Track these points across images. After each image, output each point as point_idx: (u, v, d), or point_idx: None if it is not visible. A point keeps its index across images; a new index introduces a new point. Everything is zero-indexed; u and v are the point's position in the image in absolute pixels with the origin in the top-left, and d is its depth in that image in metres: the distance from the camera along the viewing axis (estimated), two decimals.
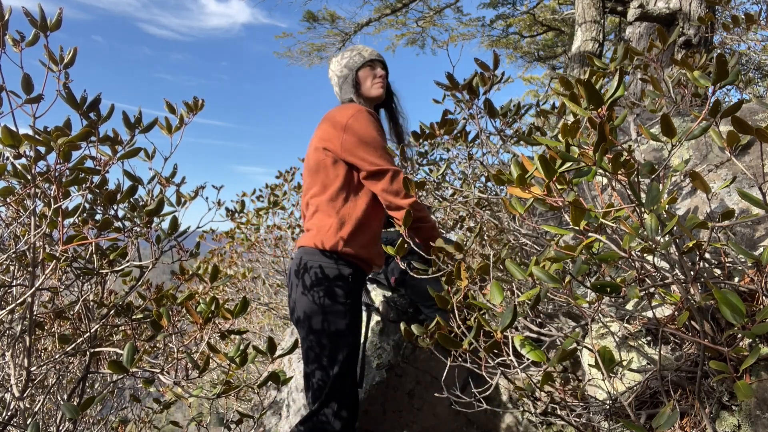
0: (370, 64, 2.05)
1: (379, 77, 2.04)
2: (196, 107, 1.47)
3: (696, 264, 1.09)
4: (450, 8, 10.34)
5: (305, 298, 1.77)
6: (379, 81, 2.04)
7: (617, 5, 5.98)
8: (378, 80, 2.04)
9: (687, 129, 1.01)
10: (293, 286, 1.83)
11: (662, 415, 0.89)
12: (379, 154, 1.83)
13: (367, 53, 2.07)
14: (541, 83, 12.51)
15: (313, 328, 1.76)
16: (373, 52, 2.08)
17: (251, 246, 4.51)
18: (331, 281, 1.77)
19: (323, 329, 1.75)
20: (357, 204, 1.85)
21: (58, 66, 1.15)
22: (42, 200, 1.33)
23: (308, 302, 1.77)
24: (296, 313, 1.80)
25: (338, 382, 1.74)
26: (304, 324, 1.79)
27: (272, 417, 2.52)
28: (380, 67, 2.08)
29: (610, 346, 1.37)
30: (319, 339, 1.75)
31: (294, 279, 1.83)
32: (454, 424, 2.28)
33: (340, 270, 1.78)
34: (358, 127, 1.84)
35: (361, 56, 2.06)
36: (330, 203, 1.84)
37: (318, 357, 1.76)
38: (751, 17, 1.93)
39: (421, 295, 2.24)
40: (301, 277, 1.80)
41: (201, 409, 4.00)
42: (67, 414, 1.04)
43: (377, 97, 2.04)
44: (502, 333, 1.00)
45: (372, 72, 2.05)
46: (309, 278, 1.78)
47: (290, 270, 1.87)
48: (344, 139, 1.82)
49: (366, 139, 1.82)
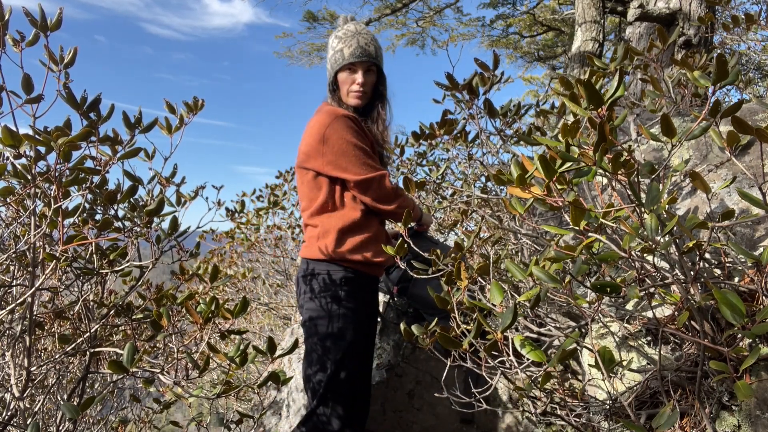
0: (350, 67, 1.82)
1: (357, 85, 1.82)
2: (196, 107, 1.47)
3: (696, 264, 1.09)
4: (450, 8, 10.35)
5: (305, 303, 1.83)
6: (357, 91, 1.83)
7: (617, 5, 5.98)
8: (355, 90, 1.83)
9: (687, 129, 1.01)
10: (298, 292, 1.90)
11: (662, 415, 0.89)
12: (361, 163, 1.76)
13: (348, 52, 1.80)
14: (541, 83, 12.51)
15: (310, 330, 1.81)
16: (356, 51, 1.80)
17: (251, 246, 4.51)
18: (326, 285, 1.79)
19: (317, 331, 1.78)
20: (344, 213, 1.83)
21: (58, 66, 1.15)
22: (42, 200, 1.33)
23: (307, 306, 1.82)
24: (302, 317, 1.86)
25: (333, 383, 1.74)
26: (303, 326, 1.84)
27: (272, 417, 2.52)
28: (363, 69, 1.82)
29: (610, 346, 1.37)
30: (315, 341, 1.79)
31: (297, 285, 1.90)
32: (454, 424, 2.28)
33: (331, 274, 1.80)
34: (336, 138, 1.75)
35: (342, 56, 1.82)
36: (316, 217, 1.85)
37: (314, 358, 1.79)
38: (751, 17, 1.93)
39: (423, 303, 2.25)
40: (300, 283, 1.87)
41: (201, 409, 4.00)
42: (67, 414, 1.04)
43: (354, 106, 1.86)
44: (502, 333, 1.00)
45: (351, 77, 1.83)
46: (306, 284, 1.84)
47: (296, 277, 1.95)
48: (324, 155, 1.77)
49: (345, 149, 1.75)
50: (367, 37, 1.82)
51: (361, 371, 1.82)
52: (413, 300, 2.34)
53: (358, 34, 1.81)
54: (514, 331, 1.67)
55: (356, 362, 1.79)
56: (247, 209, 4.42)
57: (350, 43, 1.80)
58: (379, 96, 1.90)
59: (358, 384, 1.80)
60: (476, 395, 1.25)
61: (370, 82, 1.85)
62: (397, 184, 1.92)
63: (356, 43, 1.80)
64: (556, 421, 1.95)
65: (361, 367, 1.81)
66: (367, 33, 1.85)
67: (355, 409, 1.79)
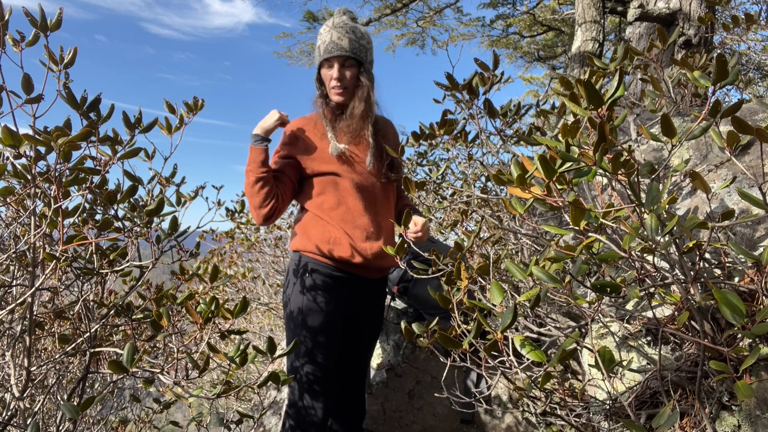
0: (327, 62, 1.76)
1: (334, 80, 1.75)
2: (196, 107, 1.47)
3: (696, 264, 1.09)
4: (450, 8, 10.35)
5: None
6: (335, 87, 1.76)
7: (617, 5, 5.98)
8: (333, 87, 1.76)
9: (687, 129, 1.01)
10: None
11: (662, 415, 0.89)
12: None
13: (323, 48, 1.74)
14: (541, 83, 12.51)
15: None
16: (329, 47, 1.73)
17: (251, 246, 4.51)
18: (291, 275, 1.84)
19: (284, 317, 1.86)
20: (303, 211, 1.87)
21: (58, 66, 1.15)
22: (42, 200, 1.33)
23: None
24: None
25: (295, 371, 1.77)
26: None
27: (272, 417, 2.52)
28: (338, 64, 1.73)
29: (610, 346, 1.37)
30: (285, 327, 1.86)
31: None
32: (454, 424, 2.28)
33: (298, 265, 1.83)
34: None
35: (319, 52, 1.76)
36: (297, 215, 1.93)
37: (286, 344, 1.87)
38: (751, 17, 1.93)
39: (423, 303, 2.25)
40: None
41: (201, 409, 4.00)
42: (67, 414, 1.04)
43: (337, 102, 1.80)
44: (502, 333, 1.00)
45: (329, 73, 1.77)
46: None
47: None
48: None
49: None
50: (341, 30, 1.73)
51: (318, 363, 1.77)
52: (413, 300, 2.34)
53: (333, 28, 1.74)
54: (514, 331, 1.68)
55: (313, 354, 1.76)
56: (247, 209, 4.42)
57: (325, 39, 1.75)
58: (358, 89, 1.78)
59: (320, 376, 1.76)
60: (476, 395, 1.25)
61: (351, 76, 1.76)
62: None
63: (329, 37, 1.73)
64: (556, 421, 1.95)
65: (317, 359, 1.76)
66: (344, 25, 1.75)
67: (330, 403, 1.77)
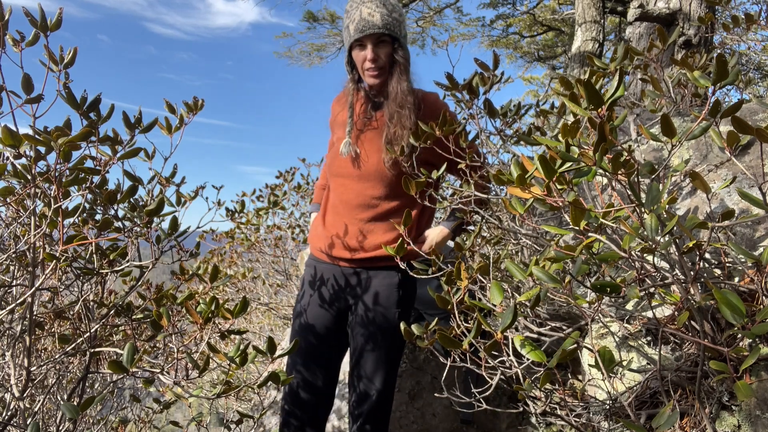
0: (359, 43, 1.64)
1: (369, 62, 1.63)
2: (196, 107, 1.47)
3: (696, 264, 1.09)
4: (450, 8, 10.36)
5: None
6: (369, 69, 1.65)
7: (617, 5, 5.98)
8: (368, 68, 1.65)
9: (687, 129, 1.01)
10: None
11: (662, 415, 0.89)
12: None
13: (353, 27, 1.62)
14: (541, 83, 12.52)
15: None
16: (359, 25, 1.60)
17: (251, 246, 4.51)
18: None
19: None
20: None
21: (58, 66, 1.15)
22: (42, 200, 1.33)
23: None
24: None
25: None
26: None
27: (272, 417, 2.52)
28: (371, 43, 1.61)
29: (610, 346, 1.37)
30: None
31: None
32: (454, 424, 2.28)
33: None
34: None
35: (349, 33, 1.65)
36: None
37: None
38: (751, 17, 1.93)
39: (424, 303, 2.25)
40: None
41: (201, 409, 4.00)
42: (67, 414, 1.04)
43: (371, 85, 1.70)
44: (502, 333, 1.00)
45: (361, 54, 1.65)
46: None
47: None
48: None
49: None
50: (371, 5, 1.60)
51: (298, 359, 1.78)
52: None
53: (362, 4, 1.62)
54: (514, 331, 1.67)
55: (300, 348, 1.77)
56: (247, 209, 4.42)
57: (354, 16, 1.62)
58: (395, 66, 1.66)
59: (300, 374, 1.77)
60: (476, 395, 1.25)
61: (385, 54, 1.64)
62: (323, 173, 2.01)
63: (359, 14, 1.61)
64: (556, 421, 1.95)
65: (297, 354, 1.78)
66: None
67: (299, 403, 1.76)
